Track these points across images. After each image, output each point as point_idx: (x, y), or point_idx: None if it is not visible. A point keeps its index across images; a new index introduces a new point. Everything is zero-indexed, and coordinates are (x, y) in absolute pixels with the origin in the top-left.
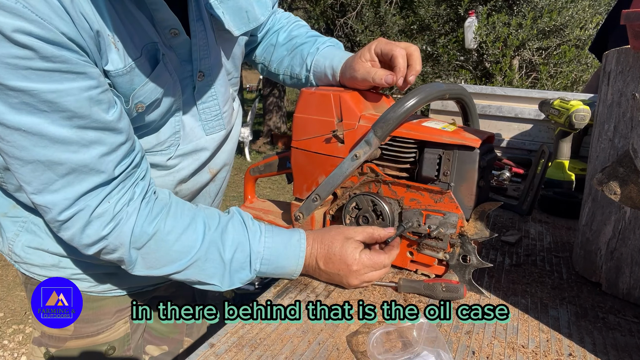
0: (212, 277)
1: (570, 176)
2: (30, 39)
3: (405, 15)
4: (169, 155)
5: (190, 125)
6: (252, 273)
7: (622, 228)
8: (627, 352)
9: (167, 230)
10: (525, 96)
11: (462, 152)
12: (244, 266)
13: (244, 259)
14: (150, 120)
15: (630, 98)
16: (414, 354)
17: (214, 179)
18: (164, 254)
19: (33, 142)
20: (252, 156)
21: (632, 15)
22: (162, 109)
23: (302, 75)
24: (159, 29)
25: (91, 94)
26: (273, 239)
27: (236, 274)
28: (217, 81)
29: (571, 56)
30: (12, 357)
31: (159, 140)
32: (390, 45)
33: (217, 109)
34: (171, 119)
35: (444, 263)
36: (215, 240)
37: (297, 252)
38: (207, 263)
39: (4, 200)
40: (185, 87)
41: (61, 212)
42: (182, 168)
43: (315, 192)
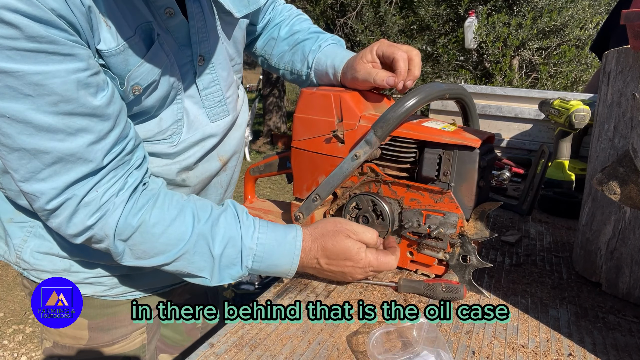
0: (202, 270)
1: (570, 176)
2: (16, 16)
3: (405, 15)
4: (172, 143)
5: (194, 113)
6: (244, 270)
7: (622, 228)
8: (627, 352)
9: (152, 223)
10: (525, 96)
11: (462, 152)
12: (235, 262)
13: (235, 254)
14: (149, 105)
15: (630, 98)
16: (414, 354)
17: (225, 167)
18: (150, 246)
19: (18, 130)
20: (252, 156)
21: (632, 15)
22: (161, 92)
23: (302, 72)
24: (154, 9)
25: (79, 77)
26: (267, 235)
27: (226, 270)
28: (219, 65)
29: (571, 56)
30: (12, 357)
31: (160, 128)
32: (393, 47)
33: (220, 94)
34: (172, 106)
35: (444, 263)
36: (204, 233)
37: (291, 250)
38: (195, 256)
39: (8, 206)
40: (185, 73)
41: (49, 201)
42: (187, 157)
43: (315, 192)
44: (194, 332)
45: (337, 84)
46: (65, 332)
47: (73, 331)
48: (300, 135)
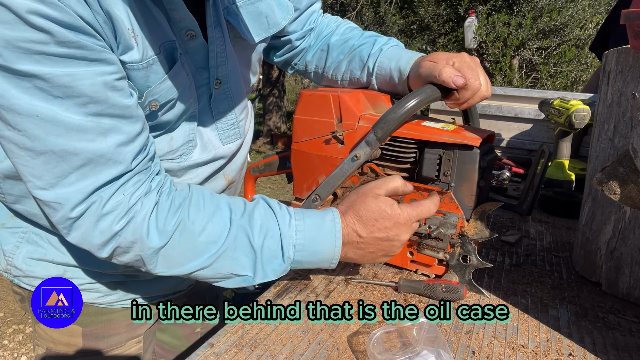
0: (244, 268)
1: (570, 176)
2: (47, 22)
3: (405, 15)
4: (180, 162)
5: (207, 135)
6: (286, 262)
7: (622, 228)
8: (627, 352)
9: (192, 220)
10: (525, 96)
11: (462, 152)
12: (276, 254)
13: (275, 245)
14: (163, 122)
15: (630, 98)
16: (414, 354)
17: (230, 186)
18: (189, 246)
19: (46, 131)
20: (252, 156)
21: (631, 15)
22: (177, 111)
23: (363, 79)
24: (175, 29)
25: (107, 79)
26: (304, 222)
27: (268, 264)
28: (234, 89)
29: (571, 56)
30: (12, 357)
31: (171, 147)
32: (470, 71)
33: (234, 118)
34: (185, 126)
35: (444, 263)
36: (243, 225)
37: (332, 232)
38: (237, 251)
39: (1, 211)
40: (201, 94)
41: (74, 207)
42: (194, 176)
43: (315, 192)
44: (192, 336)
45: (402, 91)
46: (59, 338)
47: (67, 338)
48: (300, 136)
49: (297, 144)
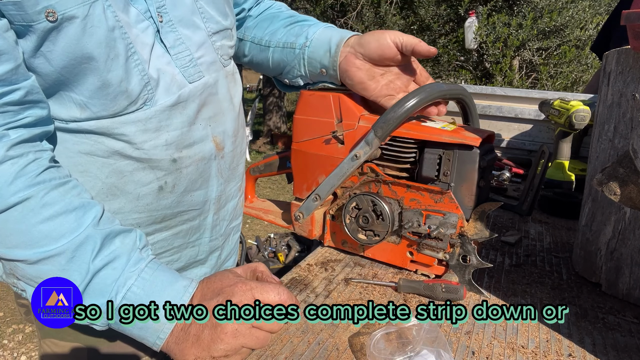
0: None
1: (570, 176)
2: None
3: (405, 15)
4: (147, 110)
5: (170, 72)
6: (103, 316)
7: (622, 228)
8: (627, 353)
9: (43, 202)
10: (525, 96)
11: (462, 151)
12: (105, 292)
13: (111, 281)
14: (87, 53)
15: (631, 98)
16: (414, 354)
17: (222, 154)
18: (22, 229)
19: None
20: (252, 156)
21: (632, 15)
22: (96, 38)
23: (296, 45)
24: None
25: None
26: (154, 273)
27: (89, 299)
28: (179, 23)
29: (571, 56)
30: (12, 356)
31: (130, 99)
32: (410, 37)
33: (189, 54)
34: (135, 71)
35: (444, 263)
36: (94, 236)
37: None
38: (72, 263)
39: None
40: (145, 29)
41: None
42: (169, 125)
43: (316, 192)
44: None
45: (333, 70)
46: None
47: None
48: (301, 136)
49: (297, 143)
